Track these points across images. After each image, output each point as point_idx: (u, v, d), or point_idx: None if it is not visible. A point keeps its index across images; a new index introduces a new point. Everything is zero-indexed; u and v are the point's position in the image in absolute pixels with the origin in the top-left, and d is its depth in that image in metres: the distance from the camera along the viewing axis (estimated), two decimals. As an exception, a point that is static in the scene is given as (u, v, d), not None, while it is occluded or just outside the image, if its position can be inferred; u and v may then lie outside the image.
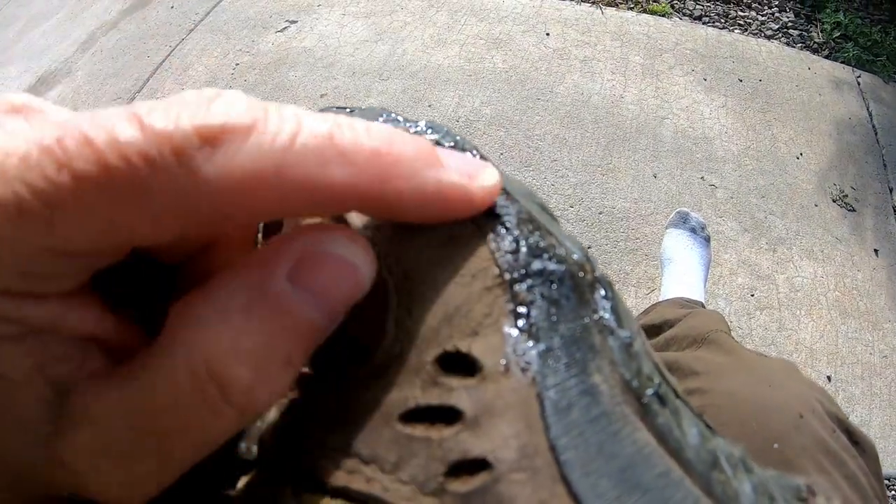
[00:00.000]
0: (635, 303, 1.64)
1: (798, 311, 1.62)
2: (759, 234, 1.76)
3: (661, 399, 0.19)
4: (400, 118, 0.26)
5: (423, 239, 0.21)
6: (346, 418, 0.20)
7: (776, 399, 0.57)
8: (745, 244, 1.74)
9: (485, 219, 0.21)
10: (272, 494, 0.20)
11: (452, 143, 0.24)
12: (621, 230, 1.77)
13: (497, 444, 0.17)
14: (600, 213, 1.81)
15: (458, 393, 0.18)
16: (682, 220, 1.65)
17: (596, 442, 0.17)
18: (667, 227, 1.67)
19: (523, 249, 0.20)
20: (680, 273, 1.51)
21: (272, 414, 0.23)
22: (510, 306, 0.19)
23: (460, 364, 0.19)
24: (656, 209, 1.80)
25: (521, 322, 0.19)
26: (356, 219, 0.23)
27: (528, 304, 0.19)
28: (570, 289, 0.20)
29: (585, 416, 0.17)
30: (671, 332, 1.05)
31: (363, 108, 0.28)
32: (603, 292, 0.20)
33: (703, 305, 1.39)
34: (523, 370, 0.18)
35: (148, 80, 2.81)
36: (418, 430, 0.19)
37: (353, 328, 0.21)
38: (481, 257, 0.20)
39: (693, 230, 1.62)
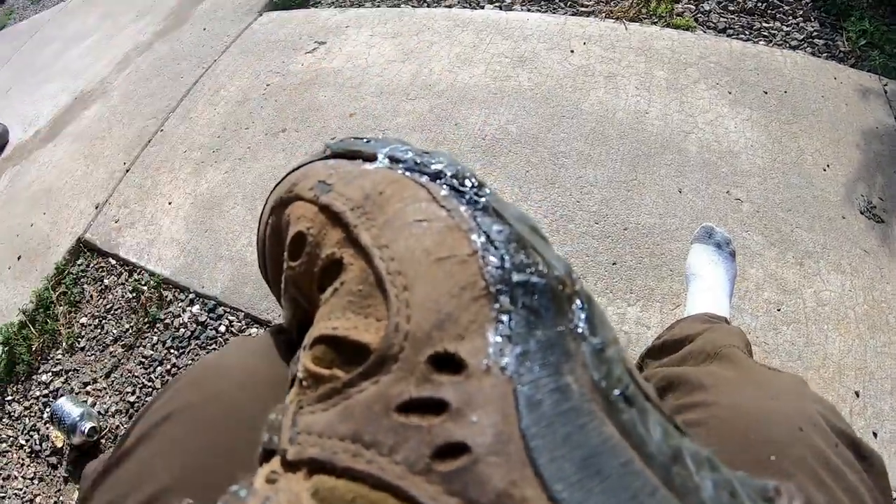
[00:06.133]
0: (660, 318, 1.65)
1: (825, 326, 1.61)
2: (786, 247, 1.76)
3: (628, 399, 0.23)
4: (411, 150, 0.32)
5: (421, 250, 0.26)
6: (353, 409, 0.24)
7: (777, 412, 0.58)
8: (771, 258, 1.74)
9: (477, 238, 0.26)
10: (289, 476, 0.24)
11: (453, 173, 0.30)
12: (646, 246, 1.79)
13: (476, 432, 0.21)
14: (625, 230, 1.83)
15: (446, 388, 0.22)
16: (708, 235, 1.65)
17: (563, 432, 0.20)
18: (692, 243, 1.67)
19: (507, 265, 0.24)
20: (705, 288, 1.51)
21: (291, 409, 0.27)
22: (493, 314, 0.23)
23: (449, 363, 0.23)
24: (681, 224, 1.81)
25: (501, 328, 0.23)
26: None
27: (509, 313, 0.23)
28: (549, 300, 0.24)
29: (555, 409, 0.21)
30: (689, 346, 1.06)
31: (380, 138, 0.35)
32: (580, 304, 0.25)
33: (727, 321, 1.37)
34: (502, 369, 0.22)
35: (182, 100, 2.89)
36: (412, 419, 0.22)
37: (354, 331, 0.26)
38: (471, 272, 0.24)
39: (718, 245, 1.62)
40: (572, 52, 2.37)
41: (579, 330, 0.24)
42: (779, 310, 1.65)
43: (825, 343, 1.58)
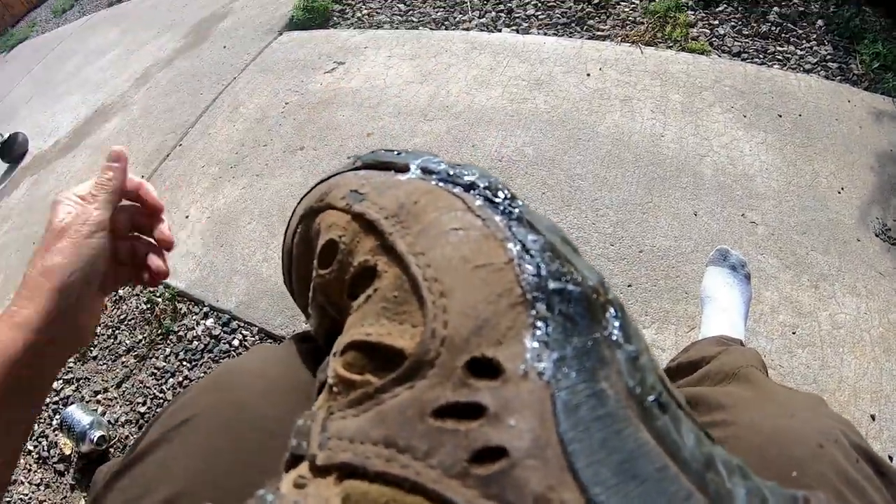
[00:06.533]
0: (675, 341, 1.65)
1: (841, 349, 1.60)
2: (801, 270, 1.75)
3: (662, 406, 0.23)
4: (443, 163, 0.33)
5: (459, 257, 0.27)
6: (386, 414, 0.24)
7: (796, 429, 0.58)
8: (786, 281, 1.73)
9: (513, 247, 0.26)
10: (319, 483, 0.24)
11: (486, 184, 0.31)
12: (661, 268, 1.79)
13: (514, 436, 0.21)
14: (640, 252, 1.83)
15: (483, 392, 0.22)
16: (723, 258, 1.64)
17: (600, 437, 0.21)
18: (707, 265, 1.66)
19: (543, 273, 0.25)
20: (720, 311, 1.50)
21: (320, 415, 0.27)
22: (530, 321, 0.24)
23: (486, 368, 0.23)
24: (697, 247, 1.82)
25: (539, 334, 0.23)
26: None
27: (546, 320, 0.24)
28: (584, 308, 0.24)
29: (592, 415, 0.21)
30: (706, 368, 1.06)
31: (411, 150, 0.36)
32: (613, 312, 0.25)
33: (742, 343, 1.37)
34: (540, 374, 0.22)
35: (201, 115, 2.92)
36: (448, 424, 0.22)
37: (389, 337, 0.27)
38: (508, 279, 0.25)
39: (733, 268, 1.62)
40: (588, 75, 2.39)
41: (614, 337, 0.24)
42: (794, 333, 1.64)
43: (840, 366, 1.57)
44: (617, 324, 0.25)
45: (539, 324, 0.23)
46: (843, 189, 1.94)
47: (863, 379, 1.55)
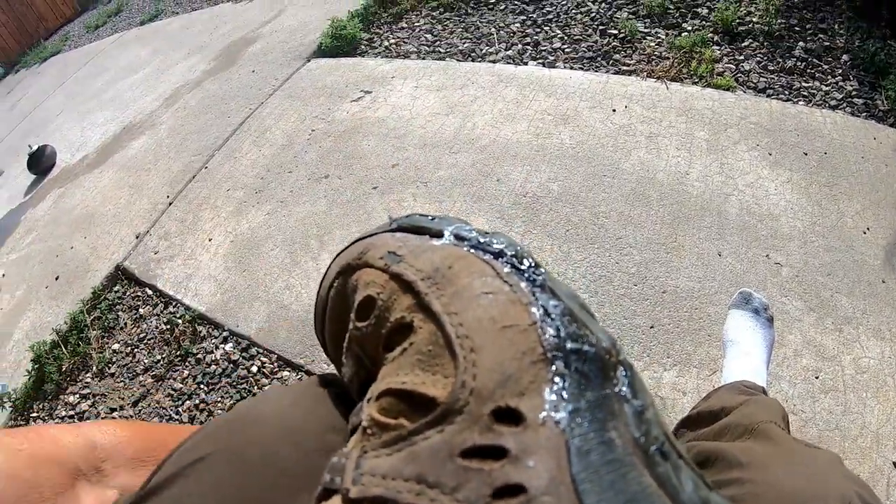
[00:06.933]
0: (697, 384, 1.63)
1: (864, 394, 1.58)
2: (825, 313, 1.73)
3: (664, 454, 0.26)
4: (474, 231, 0.37)
5: (488, 318, 0.30)
6: (418, 454, 0.26)
7: (813, 490, 0.59)
8: (810, 324, 1.71)
9: (536, 311, 0.29)
10: None
11: (513, 253, 0.34)
12: (685, 310, 1.78)
13: (532, 475, 0.23)
14: (664, 293, 1.82)
15: (507, 437, 0.25)
16: (745, 301, 1.63)
17: (608, 479, 0.23)
18: (729, 308, 1.65)
19: (562, 335, 0.28)
20: (742, 355, 1.49)
21: (355, 453, 0.29)
22: (549, 376, 0.26)
23: (510, 416, 0.26)
24: (720, 288, 1.80)
25: (557, 388, 0.26)
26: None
27: (563, 376, 0.26)
28: (597, 367, 0.27)
29: (601, 459, 0.24)
30: (726, 419, 1.05)
31: (444, 216, 0.40)
32: (623, 371, 0.28)
33: (764, 390, 1.35)
34: (556, 423, 0.25)
35: (228, 139, 2.95)
36: (474, 463, 0.25)
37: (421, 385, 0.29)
38: (531, 339, 0.28)
39: (756, 311, 1.60)
40: (614, 111, 2.39)
41: (623, 393, 0.27)
42: (817, 377, 1.62)
43: (863, 412, 1.55)
44: (626, 381, 0.28)
45: (557, 379, 0.26)
46: (868, 229, 1.92)
47: (885, 425, 1.53)
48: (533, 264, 0.33)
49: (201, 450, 0.47)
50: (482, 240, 0.35)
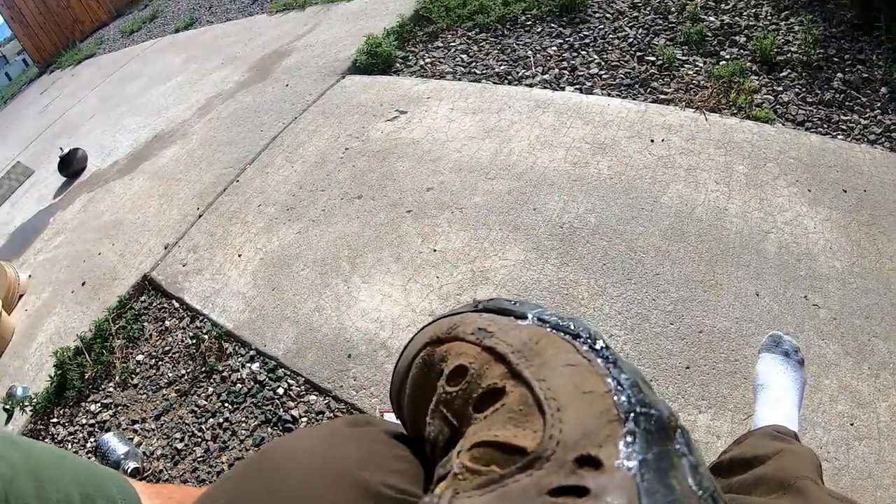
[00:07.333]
0: (731, 428, 1.60)
1: (899, 443, 1.54)
2: (862, 358, 1.70)
3: (714, 500, 0.30)
4: (554, 315, 0.42)
5: (571, 385, 0.35)
6: (509, 494, 0.30)
7: None
8: (846, 369, 1.68)
9: (611, 382, 0.34)
10: None
11: (588, 335, 0.40)
12: (721, 351, 1.75)
13: None
14: (700, 332, 1.79)
15: (588, 479, 0.29)
16: (776, 344, 1.60)
17: None
18: (760, 352, 1.62)
19: (633, 401, 0.33)
20: (773, 400, 1.47)
21: (447, 494, 0.33)
22: (623, 433, 0.31)
23: (590, 462, 0.30)
24: (758, 329, 1.77)
25: (629, 441, 0.30)
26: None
27: (634, 434, 0.31)
28: (661, 427, 0.32)
29: (664, 499, 0.28)
30: (760, 469, 1.05)
31: (524, 301, 0.45)
32: (681, 433, 0.33)
33: (797, 435, 1.34)
34: (628, 469, 0.29)
35: (260, 153, 2.96)
36: (559, 500, 0.28)
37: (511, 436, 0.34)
38: (607, 403, 0.33)
39: (786, 353, 1.57)
40: (652, 141, 2.37)
41: (681, 450, 0.32)
42: (852, 424, 1.60)
43: (896, 460, 1.51)
44: (683, 441, 0.32)
45: (628, 436, 0.31)
46: (907, 271, 1.87)
47: (919, 474, 1.49)
48: (605, 346, 0.38)
49: (225, 497, 0.47)
50: (562, 323, 0.41)
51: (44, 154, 5.18)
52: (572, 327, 0.41)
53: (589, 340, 0.39)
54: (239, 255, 2.42)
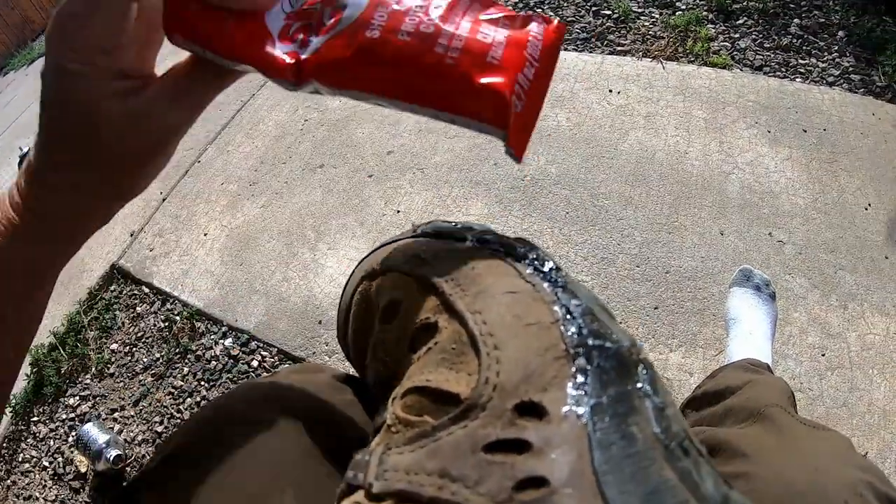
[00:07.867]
0: (703, 364, 1.62)
1: (870, 371, 1.57)
2: (829, 290, 1.72)
3: (684, 450, 0.26)
4: (496, 234, 0.38)
5: (511, 316, 0.30)
6: (441, 448, 0.27)
7: (822, 485, 0.58)
8: (814, 301, 1.70)
9: (559, 310, 0.30)
10: None
11: (535, 256, 0.35)
12: (688, 290, 1.76)
13: (554, 468, 0.24)
14: (667, 273, 1.81)
15: (529, 431, 0.25)
16: (746, 278, 1.62)
17: (629, 472, 0.23)
18: (730, 286, 1.64)
19: (584, 332, 0.29)
20: (746, 333, 1.49)
21: (378, 450, 0.30)
22: (572, 372, 0.27)
23: (532, 410, 0.26)
24: (724, 267, 1.79)
25: (579, 383, 0.26)
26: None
27: (585, 372, 0.27)
28: (619, 363, 0.28)
29: (622, 453, 0.24)
30: (730, 400, 1.05)
31: (465, 222, 0.41)
32: (644, 369, 0.28)
33: (769, 367, 1.35)
34: (578, 417, 0.25)
35: (220, 132, 2.91)
36: (496, 457, 0.25)
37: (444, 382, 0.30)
38: (553, 336, 0.28)
39: (757, 288, 1.60)
40: (610, 91, 2.37)
41: (644, 390, 0.27)
42: (823, 355, 1.62)
43: (870, 388, 1.55)
44: (647, 378, 0.28)
45: (579, 375, 0.27)
46: (870, 205, 1.91)
47: (893, 401, 1.53)
48: (554, 267, 0.34)
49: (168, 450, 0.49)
50: (504, 243, 0.36)
51: (3, 155, 5.06)
52: (518, 249, 0.36)
53: (535, 262, 0.34)
54: (205, 235, 2.39)
